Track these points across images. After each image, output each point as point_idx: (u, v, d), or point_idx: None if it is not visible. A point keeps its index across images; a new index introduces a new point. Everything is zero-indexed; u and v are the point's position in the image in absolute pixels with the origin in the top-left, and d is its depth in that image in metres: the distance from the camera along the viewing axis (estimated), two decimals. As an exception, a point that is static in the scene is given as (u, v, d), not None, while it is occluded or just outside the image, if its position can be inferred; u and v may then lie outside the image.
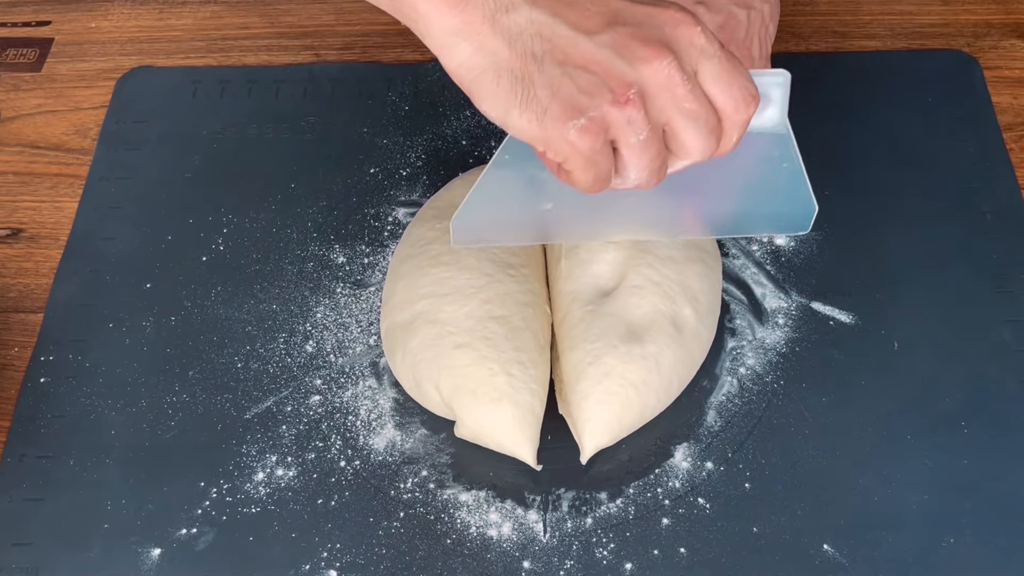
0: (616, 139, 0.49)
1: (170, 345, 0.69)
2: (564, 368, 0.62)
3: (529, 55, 0.47)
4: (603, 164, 0.50)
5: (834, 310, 0.69)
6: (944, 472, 0.62)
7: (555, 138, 0.48)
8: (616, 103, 0.48)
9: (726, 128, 0.51)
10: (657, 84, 0.48)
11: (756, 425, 0.64)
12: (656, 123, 0.49)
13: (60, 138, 0.81)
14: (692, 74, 0.49)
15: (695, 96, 0.49)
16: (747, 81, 0.50)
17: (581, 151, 0.48)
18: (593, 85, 0.47)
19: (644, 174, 0.50)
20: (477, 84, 0.48)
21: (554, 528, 0.61)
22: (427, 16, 0.48)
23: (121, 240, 0.74)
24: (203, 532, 0.61)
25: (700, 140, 0.50)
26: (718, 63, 0.49)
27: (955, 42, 0.83)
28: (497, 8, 0.47)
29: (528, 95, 0.48)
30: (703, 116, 0.49)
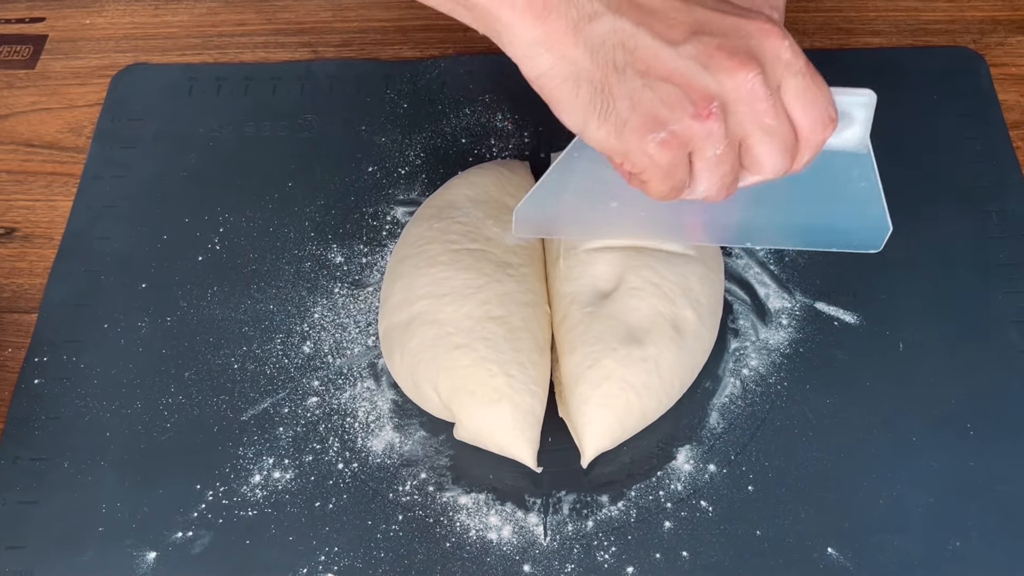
0: (693, 151, 0.49)
1: (166, 346, 0.69)
2: (563, 371, 0.63)
3: (610, 65, 0.47)
4: (679, 176, 0.49)
5: (838, 310, 0.69)
6: (950, 474, 0.62)
7: (634, 151, 0.48)
8: (697, 117, 0.47)
9: (801, 147, 0.50)
10: (739, 97, 0.47)
11: (759, 427, 0.64)
12: (734, 137, 0.48)
13: (54, 136, 0.81)
14: (775, 88, 0.48)
15: (776, 112, 0.48)
16: (828, 102, 0.50)
17: (659, 164, 0.48)
18: (675, 98, 0.47)
19: (715, 187, 0.50)
20: (557, 94, 0.48)
21: (555, 531, 0.61)
22: (511, 27, 0.47)
23: (116, 239, 0.74)
24: (199, 535, 0.61)
25: (775, 157, 0.49)
26: (802, 80, 0.48)
27: (961, 39, 0.83)
28: (580, 17, 0.47)
29: (608, 107, 0.47)
30: (781, 133, 0.49)
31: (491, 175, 0.70)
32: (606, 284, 0.64)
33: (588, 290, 0.64)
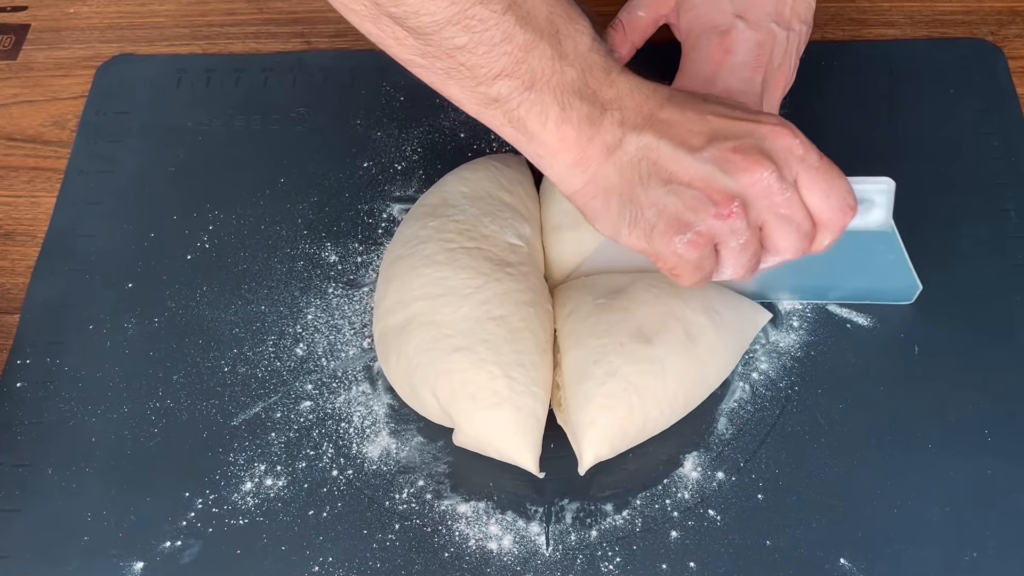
0: (718, 244, 0.55)
1: (153, 348, 0.69)
2: (566, 367, 0.62)
3: (637, 179, 0.54)
4: (707, 267, 0.56)
5: (851, 312, 0.69)
6: (966, 482, 0.62)
7: (663, 252, 0.55)
8: (719, 216, 0.53)
9: (820, 232, 0.56)
10: (757, 192, 0.53)
11: (769, 433, 0.64)
12: (754, 226, 0.55)
13: (37, 130, 0.81)
14: (792, 182, 0.54)
15: (792, 203, 0.54)
16: (845, 191, 0.56)
17: (689, 261, 0.55)
18: (697, 201, 0.53)
19: (740, 272, 0.56)
20: (591, 207, 0.55)
21: (557, 541, 0.61)
22: (555, 154, 0.54)
23: (101, 237, 0.74)
24: (188, 545, 0.61)
25: (792, 242, 0.56)
26: (816, 173, 0.55)
27: (978, 30, 0.83)
28: (612, 143, 0.54)
29: (636, 215, 0.54)
30: (798, 221, 0.55)
31: (486, 170, 0.70)
32: (621, 280, 0.64)
33: (603, 284, 0.64)
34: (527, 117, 0.53)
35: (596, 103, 0.53)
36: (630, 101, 0.54)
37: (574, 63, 0.53)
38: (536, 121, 0.53)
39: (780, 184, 0.53)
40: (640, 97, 0.55)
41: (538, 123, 0.53)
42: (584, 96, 0.53)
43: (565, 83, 0.53)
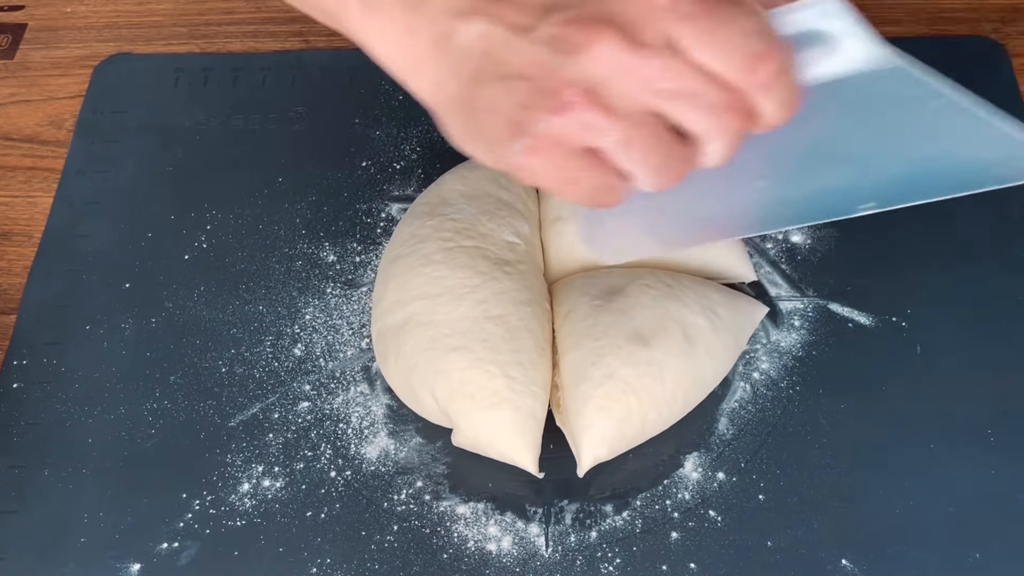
0: (589, 146, 0.43)
1: (150, 348, 0.69)
2: (564, 369, 0.62)
3: (471, 79, 0.44)
4: (586, 178, 0.44)
5: (853, 311, 0.69)
6: (969, 483, 0.62)
7: (512, 166, 0.44)
8: (556, 111, 0.42)
9: (750, 97, 0.42)
10: (609, 72, 0.41)
11: (770, 433, 0.64)
12: (632, 114, 0.42)
13: (34, 129, 0.81)
14: (662, 45, 0.41)
15: (669, 73, 0.41)
16: (743, 36, 0.41)
17: (543, 172, 0.44)
18: (529, 94, 0.42)
19: (650, 173, 0.44)
20: (441, 118, 0.46)
21: (557, 542, 0.61)
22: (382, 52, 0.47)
23: (98, 237, 0.74)
24: (185, 547, 0.61)
25: (708, 120, 0.42)
26: (694, 25, 0.41)
27: (981, 28, 0.83)
28: (440, 36, 0.44)
29: (474, 123, 0.44)
30: (694, 92, 0.41)
31: (484, 169, 0.70)
32: (619, 279, 0.64)
33: (600, 283, 0.64)
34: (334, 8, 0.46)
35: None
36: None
37: None
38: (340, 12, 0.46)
39: (636, 53, 0.40)
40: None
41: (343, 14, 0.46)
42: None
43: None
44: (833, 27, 0.42)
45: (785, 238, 0.72)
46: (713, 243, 0.67)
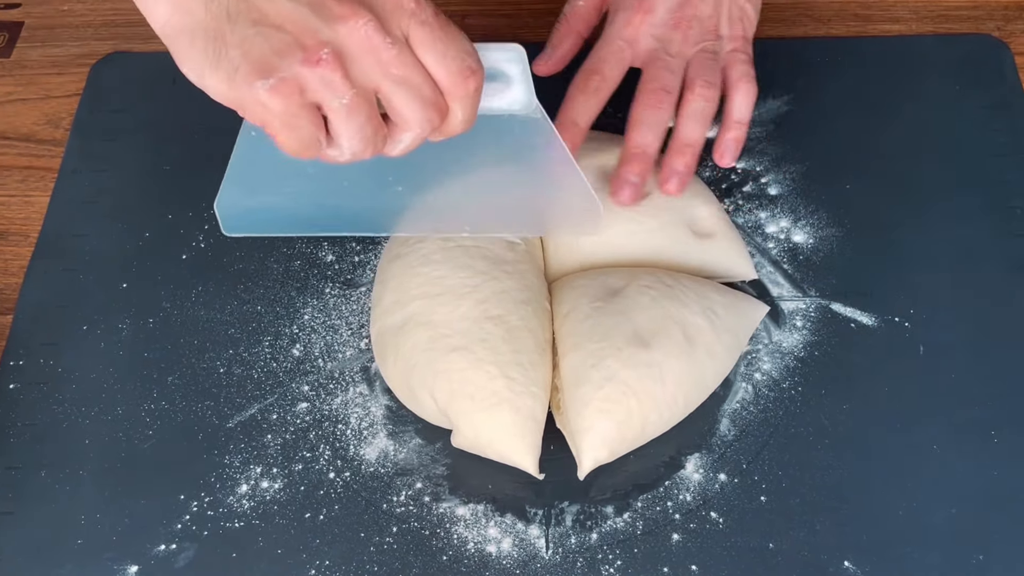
0: (319, 103, 0.50)
1: (148, 349, 0.69)
2: (564, 371, 0.62)
3: (224, 14, 0.49)
4: (305, 128, 0.50)
5: (855, 311, 0.69)
6: (973, 484, 0.62)
7: (247, 99, 0.50)
8: (307, 63, 0.48)
9: (450, 103, 0.52)
10: (356, 45, 0.49)
11: (772, 434, 0.64)
12: (363, 87, 0.50)
13: (30, 128, 0.81)
14: (401, 38, 0.49)
15: (402, 62, 0.49)
16: (464, 52, 0.51)
17: (275, 112, 0.50)
18: (285, 44, 0.48)
19: (355, 142, 0.51)
20: (175, 45, 0.50)
21: (557, 544, 0.61)
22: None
23: (96, 237, 0.74)
24: (183, 548, 0.61)
25: (416, 111, 0.51)
26: (430, 30, 0.50)
27: (984, 26, 0.83)
28: None
29: (220, 55, 0.49)
30: (415, 84, 0.50)
31: None
32: (617, 280, 0.64)
33: (599, 284, 0.64)
34: None
35: None
36: None
37: None
38: None
39: (383, 38, 0.49)
40: None
41: None
42: None
43: None
44: (511, 71, 0.53)
45: (787, 237, 0.72)
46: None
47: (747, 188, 0.74)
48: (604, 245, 0.67)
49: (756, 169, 0.75)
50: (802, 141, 0.76)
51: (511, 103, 0.54)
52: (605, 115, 0.70)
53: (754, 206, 0.73)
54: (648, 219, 0.67)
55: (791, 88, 0.79)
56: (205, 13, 0.49)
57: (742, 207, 0.73)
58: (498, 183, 0.61)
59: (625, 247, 0.67)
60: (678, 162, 0.66)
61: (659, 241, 0.67)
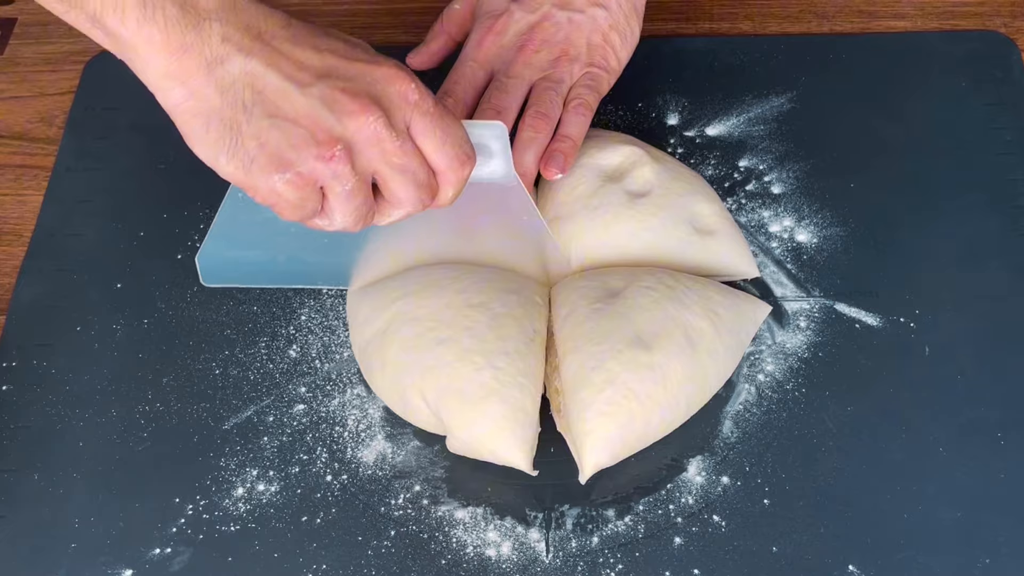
0: (323, 187, 0.54)
1: (142, 350, 0.69)
2: (565, 374, 0.62)
3: (240, 104, 0.51)
4: (309, 207, 0.55)
5: (860, 312, 0.69)
6: (979, 487, 0.62)
7: (261, 187, 0.53)
8: (321, 158, 0.52)
9: (441, 184, 0.57)
10: (364, 139, 0.53)
11: (776, 436, 0.64)
12: (364, 173, 0.54)
13: (24, 126, 0.81)
14: (403, 129, 0.54)
15: (404, 151, 0.54)
16: (462, 140, 0.56)
17: (288, 200, 0.54)
18: (300, 139, 0.52)
19: (349, 219, 0.56)
20: (189, 127, 0.52)
21: (557, 548, 0.61)
22: (146, 60, 0.51)
23: (89, 236, 0.74)
24: (178, 552, 0.61)
25: (410, 193, 0.55)
26: (431, 120, 0.54)
27: (991, 22, 0.83)
28: (213, 59, 0.51)
29: (236, 144, 0.52)
30: (412, 170, 0.55)
31: None
32: (618, 281, 0.64)
33: (599, 286, 0.64)
34: (103, 11, 0.50)
35: (188, 7, 0.50)
36: (235, 17, 0.51)
37: None
38: (113, 17, 0.50)
39: (389, 132, 0.53)
40: (248, 16, 0.52)
41: (115, 20, 0.50)
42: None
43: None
44: (494, 146, 0.59)
45: (791, 237, 0.72)
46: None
47: (750, 187, 0.74)
48: (606, 242, 0.67)
49: (759, 168, 0.75)
50: (805, 139, 0.76)
51: (492, 173, 0.59)
52: (605, 112, 0.70)
53: (757, 205, 0.73)
54: (649, 216, 0.67)
55: (794, 85, 0.79)
56: (220, 101, 0.51)
57: (745, 206, 0.73)
58: (475, 236, 0.65)
59: (627, 244, 0.67)
60: None
61: (661, 238, 0.67)
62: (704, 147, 0.76)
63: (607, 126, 0.75)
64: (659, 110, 0.78)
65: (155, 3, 0.50)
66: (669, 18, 0.84)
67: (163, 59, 0.51)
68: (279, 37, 0.52)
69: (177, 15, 0.50)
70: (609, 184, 0.68)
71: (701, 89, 0.79)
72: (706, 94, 0.79)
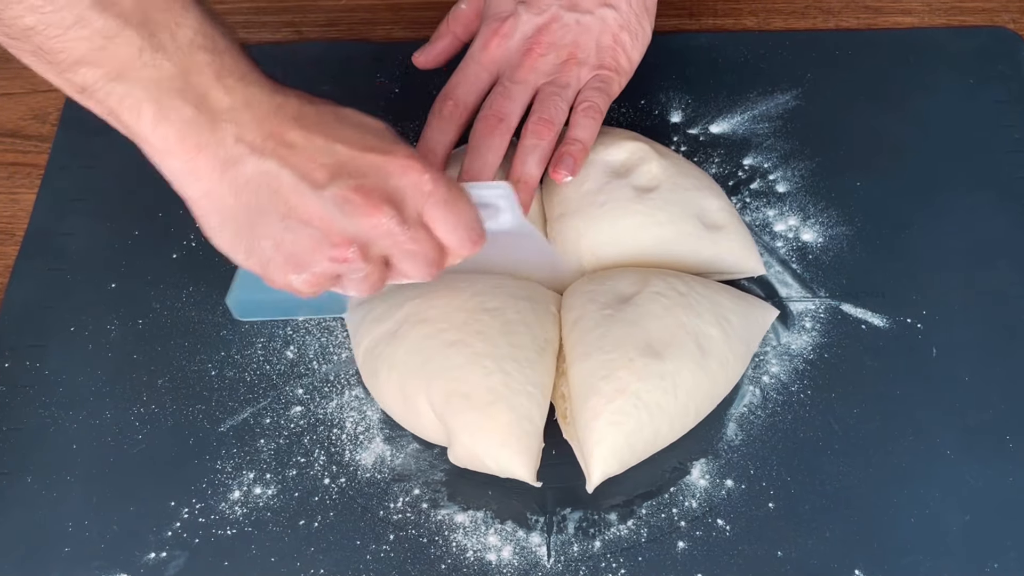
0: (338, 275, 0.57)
1: (137, 351, 0.69)
2: (573, 380, 0.62)
3: (254, 207, 0.53)
4: (326, 288, 0.58)
5: (866, 312, 0.69)
6: (987, 490, 0.62)
7: (279, 282, 0.56)
8: (335, 260, 0.55)
9: (451, 259, 0.59)
10: (377, 235, 0.55)
11: (781, 439, 0.64)
12: (376, 259, 0.56)
13: (16, 123, 0.81)
14: (416, 219, 0.56)
15: (415, 240, 0.56)
16: (472, 221, 0.58)
17: (303, 293, 0.57)
18: (314, 241, 0.54)
19: (364, 293, 0.58)
20: (206, 222, 0.54)
21: (559, 552, 0.61)
22: (161, 155, 0.52)
23: (83, 235, 0.74)
24: (173, 556, 0.61)
25: (419, 271, 0.58)
26: (444, 208, 0.56)
27: (999, 18, 0.83)
28: (227, 159, 0.52)
29: (251, 245, 0.54)
30: (422, 253, 0.57)
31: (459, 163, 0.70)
32: (628, 286, 0.64)
33: (608, 290, 0.64)
34: (119, 110, 0.51)
35: (204, 109, 0.51)
36: (248, 115, 0.52)
37: (172, 57, 0.51)
38: (130, 116, 0.51)
39: (402, 227, 0.55)
40: (261, 112, 0.53)
41: (132, 118, 0.51)
42: (187, 97, 0.51)
43: (161, 79, 0.50)
44: (501, 204, 0.61)
45: (796, 236, 0.72)
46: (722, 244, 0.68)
47: (755, 185, 0.74)
48: (613, 237, 0.67)
49: (764, 166, 0.75)
50: (811, 137, 0.76)
51: (501, 225, 0.61)
52: (607, 110, 0.70)
53: (762, 204, 0.73)
54: (657, 211, 0.67)
55: (800, 82, 0.79)
56: (235, 202, 0.53)
57: (749, 204, 0.73)
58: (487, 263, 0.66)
59: (635, 239, 0.67)
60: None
61: (669, 233, 0.67)
62: (708, 145, 0.76)
63: (609, 124, 0.75)
64: (662, 107, 0.78)
65: (171, 104, 0.51)
66: (672, 14, 0.84)
67: (180, 158, 0.52)
68: (292, 130, 0.53)
69: (192, 116, 0.51)
70: (616, 180, 0.68)
71: (705, 86, 0.79)
72: (710, 91, 0.79)
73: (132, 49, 0.50)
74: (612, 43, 0.70)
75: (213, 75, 0.52)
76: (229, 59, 0.53)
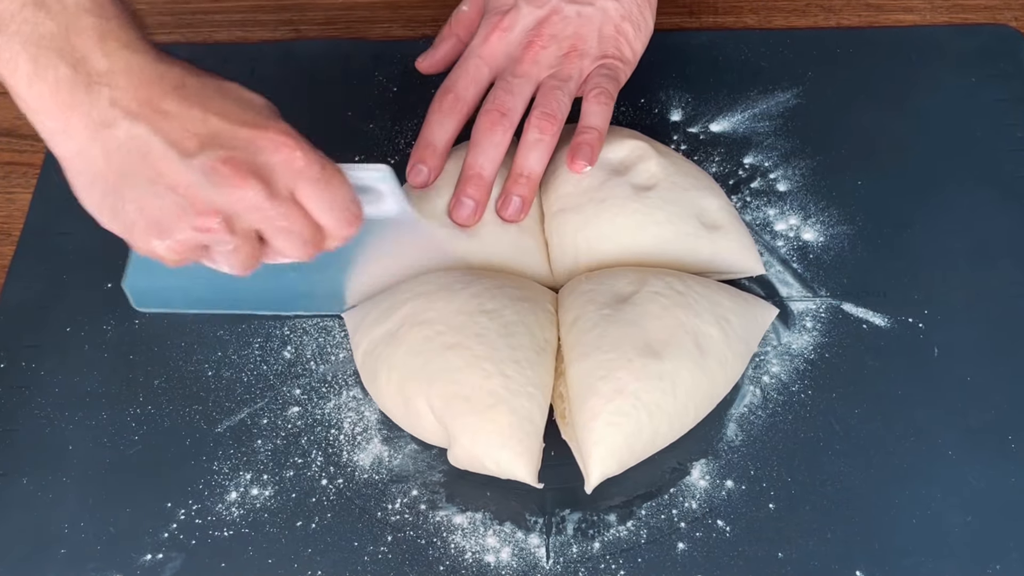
0: (205, 245, 0.57)
1: (133, 351, 0.69)
2: (572, 381, 0.62)
3: (123, 170, 0.53)
4: (192, 261, 0.58)
5: (867, 312, 0.69)
6: (989, 491, 0.62)
7: (142, 248, 0.56)
8: (199, 229, 0.55)
9: (327, 239, 0.59)
10: (244, 208, 0.55)
11: (781, 439, 0.64)
12: (246, 232, 0.56)
13: (12, 122, 0.81)
14: (287, 196, 0.56)
15: (286, 216, 0.56)
16: (348, 202, 0.58)
17: (168, 260, 0.57)
18: (179, 208, 0.54)
19: (236, 269, 0.58)
20: (75, 181, 0.55)
21: (558, 553, 0.61)
22: (34, 111, 0.53)
23: (80, 235, 0.74)
24: (170, 558, 0.61)
25: (295, 249, 0.58)
26: (316, 186, 0.56)
27: (1001, 16, 0.83)
28: (100, 122, 0.52)
29: (117, 208, 0.55)
30: (296, 230, 0.57)
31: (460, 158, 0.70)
32: (626, 286, 0.64)
33: (607, 290, 0.64)
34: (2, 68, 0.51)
35: (81, 70, 0.52)
36: (126, 80, 0.52)
37: (55, 17, 0.51)
38: (6, 69, 0.52)
39: (270, 201, 0.54)
40: (140, 78, 0.53)
41: (8, 71, 0.52)
42: (65, 57, 0.51)
43: (41, 36, 0.51)
44: (381, 188, 0.61)
45: (796, 235, 0.72)
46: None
47: (755, 184, 0.74)
48: (611, 235, 0.67)
49: (764, 164, 0.75)
50: (812, 135, 0.76)
51: (385, 212, 0.62)
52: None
53: (762, 203, 0.73)
54: (656, 210, 0.67)
55: (801, 80, 0.79)
56: (105, 164, 0.53)
57: (750, 204, 0.73)
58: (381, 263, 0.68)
59: (633, 237, 0.67)
60: (515, 189, 0.68)
61: (667, 232, 0.67)
62: (708, 144, 0.76)
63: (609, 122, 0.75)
64: (662, 106, 0.78)
65: (48, 61, 0.51)
66: (673, 12, 0.84)
67: (53, 117, 0.52)
68: (169, 99, 0.53)
69: (68, 75, 0.51)
70: (615, 177, 0.68)
71: (705, 84, 0.79)
72: (710, 89, 0.79)
73: (14, 4, 0.51)
74: (614, 33, 0.70)
75: (96, 38, 0.52)
76: (116, 25, 0.53)
